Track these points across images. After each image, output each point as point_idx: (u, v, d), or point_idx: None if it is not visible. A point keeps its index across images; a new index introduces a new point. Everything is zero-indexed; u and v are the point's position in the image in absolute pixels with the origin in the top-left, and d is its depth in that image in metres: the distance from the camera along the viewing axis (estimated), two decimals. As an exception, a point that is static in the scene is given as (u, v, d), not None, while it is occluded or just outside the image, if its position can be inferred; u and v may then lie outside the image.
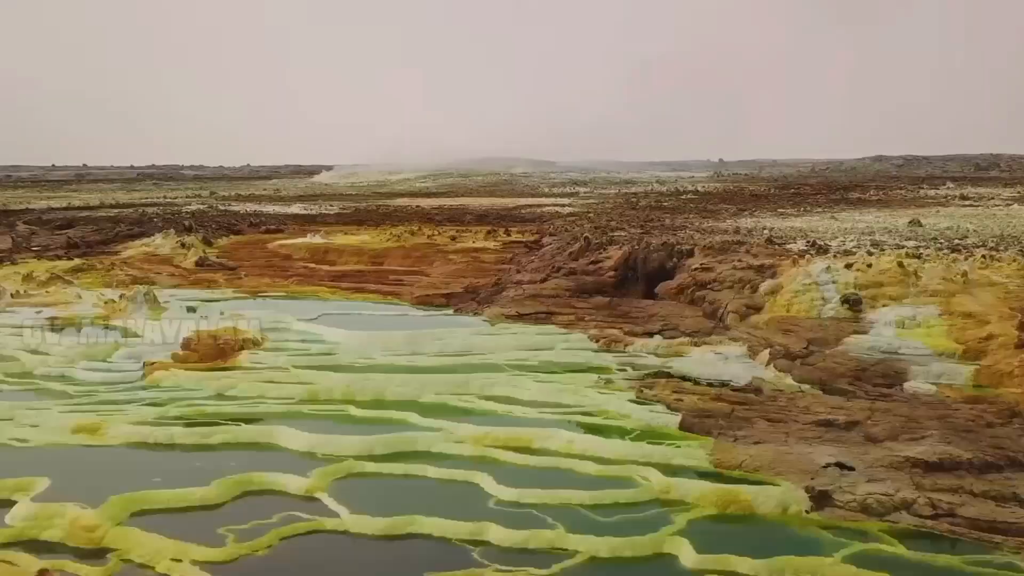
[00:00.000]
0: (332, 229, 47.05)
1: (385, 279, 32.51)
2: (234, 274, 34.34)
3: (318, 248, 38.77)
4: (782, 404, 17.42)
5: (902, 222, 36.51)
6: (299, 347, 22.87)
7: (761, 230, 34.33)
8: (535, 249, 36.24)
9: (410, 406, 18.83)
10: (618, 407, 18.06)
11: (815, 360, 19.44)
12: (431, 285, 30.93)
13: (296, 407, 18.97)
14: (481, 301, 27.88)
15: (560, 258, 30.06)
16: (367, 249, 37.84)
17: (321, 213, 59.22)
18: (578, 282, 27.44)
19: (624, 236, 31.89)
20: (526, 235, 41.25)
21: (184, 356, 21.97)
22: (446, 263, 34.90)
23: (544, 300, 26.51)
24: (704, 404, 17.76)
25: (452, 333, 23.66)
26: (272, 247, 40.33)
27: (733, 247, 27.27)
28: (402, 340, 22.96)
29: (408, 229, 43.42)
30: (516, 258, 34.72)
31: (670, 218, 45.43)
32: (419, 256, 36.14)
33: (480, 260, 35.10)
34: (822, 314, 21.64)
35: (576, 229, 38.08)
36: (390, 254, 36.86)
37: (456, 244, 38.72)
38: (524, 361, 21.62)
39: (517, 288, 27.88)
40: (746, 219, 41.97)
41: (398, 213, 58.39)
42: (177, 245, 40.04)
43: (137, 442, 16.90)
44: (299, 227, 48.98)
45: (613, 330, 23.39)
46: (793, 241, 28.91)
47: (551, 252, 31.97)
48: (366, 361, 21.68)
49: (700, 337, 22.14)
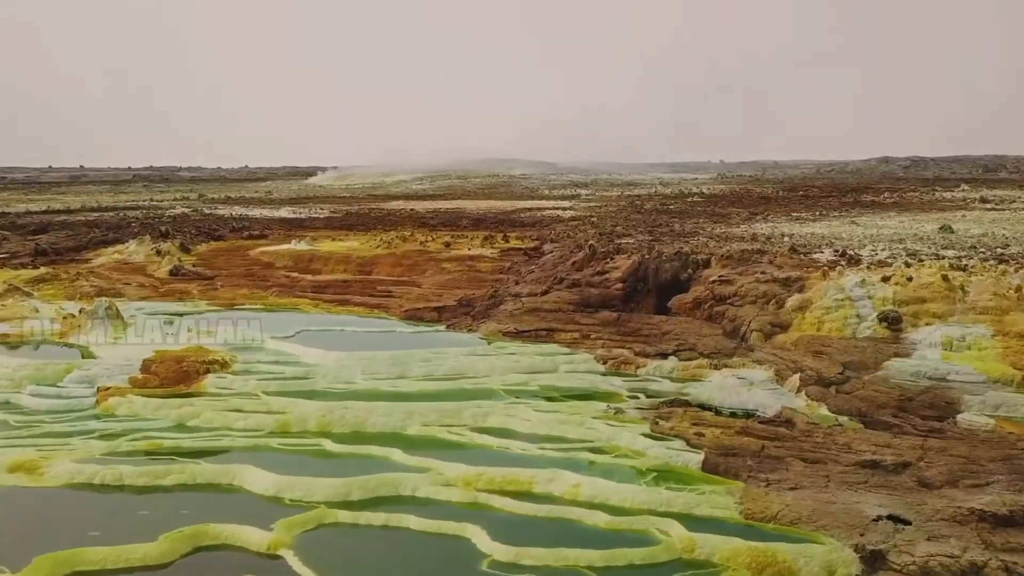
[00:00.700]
0: (320, 234, 45.27)
1: (372, 290, 30.67)
2: (210, 284, 32.51)
3: (302, 256, 36.93)
4: (819, 440, 15.58)
5: (930, 228, 34.70)
6: (271, 370, 21.05)
7: (780, 237, 32.50)
8: (535, 257, 34.38)
9: (393, 440, 17.09)
10: (630, 442, 16.26)
11: (852, 387, 17.60)
12: (422, 297, 29.08)
13: (264, 440, 17.22)
14: (476, 316, 26.04)
15: (562, 268, 28.19)
16: (355, 257, 35.99)
17: (310, 217, 57.46)
18: (582, 295, 25.57)
19: (632, 244, 30.05)
20: (525, 241, 39.40)
21: (143, 380, 20.15)
22: (439, 272, 33.06)
23: (545, 315, 24.66)
24: (729, 439, 15.94)
25: (443, 353, 21.82)
26: (254, 254, 38.50)
27: (754, 257, 25.44)
28: (386, 361, 21.14)
29: (400, 234, 41.62)
30: (514, 267, 32.86)
31: (679, 223, 43.62)
32: (410, 264, 34.28)
33: (476, 269, 33.26)
34: (857, 333, 19.81)
35: (579, 235, 36.26)
36: (379, 262, 35.01)
37: (450, 251, 36.89)
38: (523, 386, 19.82)
39: (515, 301, 26.03)
40: (760, 224, 40.15)
41: (391, 217, 56.65)
42: (152, 252, 38.23)
43: (80, 483, 15.20)
44: (285, 232, 47.20)
45: (622, 350, 21.57)
46: (819, 250, 27.08)
47: (552, 261, 30.11)
48: (345, 386, 19.87)
49: (720, 359, 20.30)
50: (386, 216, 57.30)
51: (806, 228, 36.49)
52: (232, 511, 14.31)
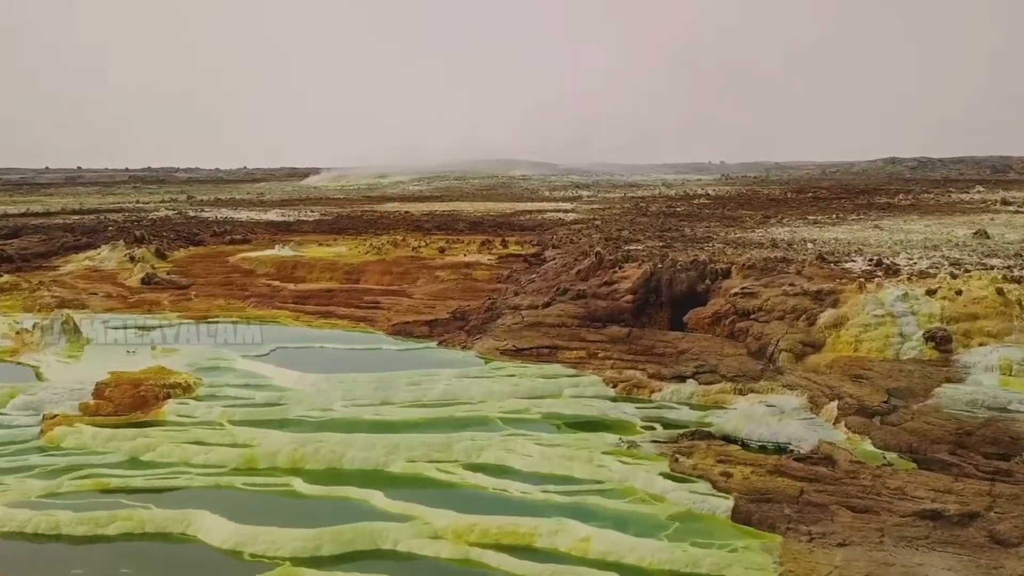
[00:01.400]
0: (307, 239, 43.42)
1: (359, 301, 28.80)
2: (183, 294, 30.64)
3: (285, 262, 35.05)
4: (867, 483, 13.69)
5: (963, 233, 32.83)
6: (240, 394, 19.21)
7: (802, 243, 30.62)
8: (536, 265, 32.48)
9: (374, 479, 15.24)
10: (647, 483, 14.41)
11: (900, 418, 15.71)
12: (412, 309, 27.19)
13: (227, 478, 15.38)
14: (471, 331, 24.14)
15: (566, 277, 26.28)
16: (341, 263, 34.10)
17: (299, 220, 55.59)
18: (589, 308, 23.65)
19: (641, 250, 28.16)
20: (525, 247, 37.52)
21: (95, 407, 18.29)
22: (432, 281, 31.17)
23: (547, 331, 22.75)
24: (761, 480, 14.07)
25: (433, 376, 19.97)
26: (234, 261, 36.62)
27: (779, 266, 23.54)
28: (369, 385, 19.29)
29: (391, 239, 39.74)
30: (513, 276, 30.94)
31: (689, 227, 41.74)
32: (401, 272, 32.38)
33: (471, 277, 31.36)
34: (901, 354, 17.93)
35: (583, 240, 34.36)
36: (368, 269, 33.11)
37: (444, 258, 34.99)
38: (523, 414, 17.99)
39: (514, 315, 24.12)
40: (777, 228, 38.29)
41: (384, 220, 54.79)
42: (125, 259, 36.36)
43: (10, 531, 13.43)
44: (270, 236, 45.38)
45: (634, 372, 19.70)
46: (850, 258, 25.17)
47: (555, 270, 28.20)
48: (322, 414, 18.01)
49: (745, 382, 18.44)
50: (379, 219, 55.45)
51: (827, 233, 34.64)
52: (182, 569, 12.50)
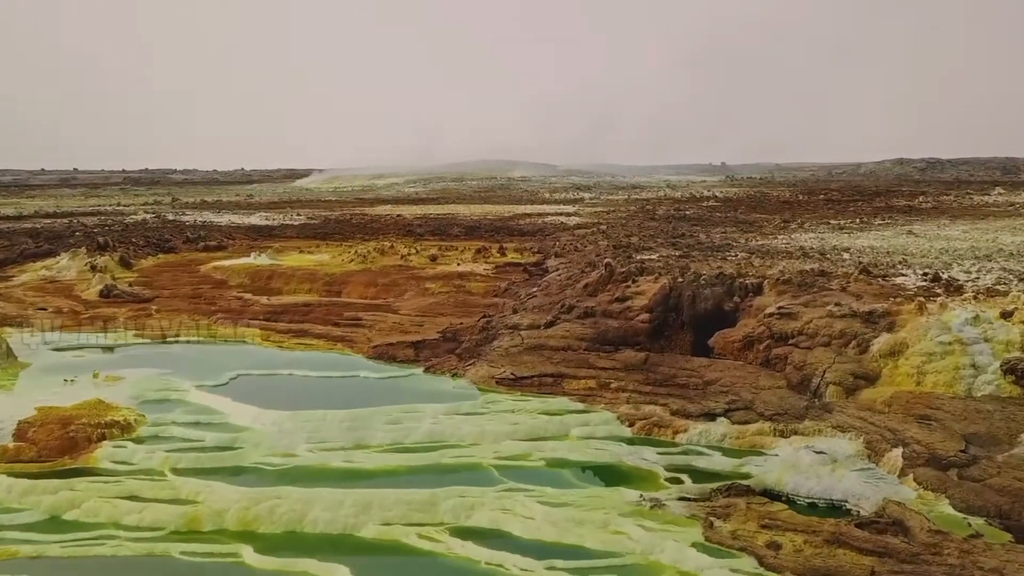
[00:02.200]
0: (289, 244, 40.82)
1: (338, 317, 26.18)
2: (144, 309, 28.00)
3: (260, 272, 32.40)
4: (953, 561, 11.11)
5: (1009, 239, 30.21)
6: (188, 435, 16.61)
7: (834, 251, 28.01)
8: (537, 276, 29.81)
9: (341, 546, 12.81)
10: (677, 557, 11.90)
11: (983, 472, 13.10)
12: (397, 327, 24.55)
13: (162, 545, 12.95)
14: (463, 354, 21.51)
15: (572, 292, 23.60)
16: (322, 274, 31.46)
17: (283, 224, 52.98)
18: (598, 328, 21.02)
19: (656, 261, 25.51)
20: (525, 255, 34.87)
21: (14, 451, 15.72)
22: (421, 294, 28.53)
23: (551, 355, 20.13)
24: (818, 555, 11.53)
25: (417, 412, 17.34)
26: (205, 270, 33.98)
27: (818, 281, 20.90)
28: (341, 424, 16.69)
29: (379, 245, 37.09)
30: (512, 288, 28.24)
31: (704, 232, 39.16)
32: (387, 284, 29.73)
33: (465, 290, 28.70)
34: (974, 390, 15.34)
35: (589, 248, 31.74)
36: (350, 281, 30.46)
37: (436, 267, 32.34)
38: (523, 460, 15.46)
39: (513, 335, 21.48)
40: (801, 234, 35.71)
41: (374, 224, 52.19)
42: (86, 268, 33.71)
43: None
44: (249, 242, 42.77)
45: (654, 407, 17.09)
46: (898, 271, 22.46)
47: (559, 283, 25.51)
48: (283, 460, 15.43)
49: (787, 422, 15.83)
50: (368, 223, 52.84)
51: (859, 240, 32.04)
52: None
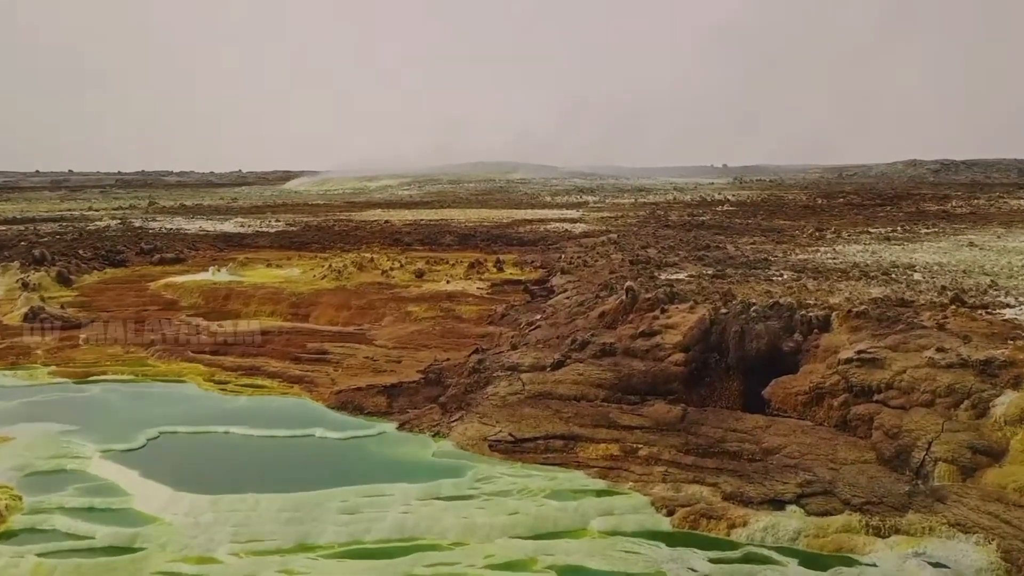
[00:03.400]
0: (258, 256, 36.50)
1: (300, 348, 21.85)
2: (71, 337, 23.67)
3: (216, 291, 28.05)
4: None
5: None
6: (76, 528, 12.31)
7: (895, 268, 23.69)
8: (540, 297, 25.41)
9: None
10: None
11: None
12: (369, 364, 20.22)
13: None
14: (448, 404, 17.16)
15: (585, 322, 19.25)
16: (288, 293, 27.12)
17: (258, 231, 48.60)
18: (620, 372, 16.72)
19: (686, 282, 21.17)
20: (526, 270, 30.48)
21: None
22: (402, 318, 24.20)
23: (560, 407, 15.80)
24: None
25: (382, 496, 13.00)
26: (155, 288, 29.65)
27: (903, 313, 16.55)
28: (280, 515, 12.34)
29: (358, 258, 32.77)
30: (510, 313, 23.77)
31: (729, 241, 34.90)
32: (363, 306, 25.39)
33: (454, 314, 24.33)
34: None
35: (601, 263, 27.41)
36: (320, 302, 26.14)
37: (422, 285, 27.97)
38: (525, 570, 11.07)
39: (511, 379, 17.16)
40: (844, 245, 31.42)
41: (358, 231, 47.85)
42: (16, 285, 29.37)
43: None
44: (214, 253, 38.47)
45: (699, 488, 12.78)
46: (994, 297, 18.13)
47: (568, 309, 21.11)
48: (197, 570, 11.07)
49: (884, 514, 11.49)
50: (351, 231, 48.49)
51: (916, 254, 27.76)
52: None
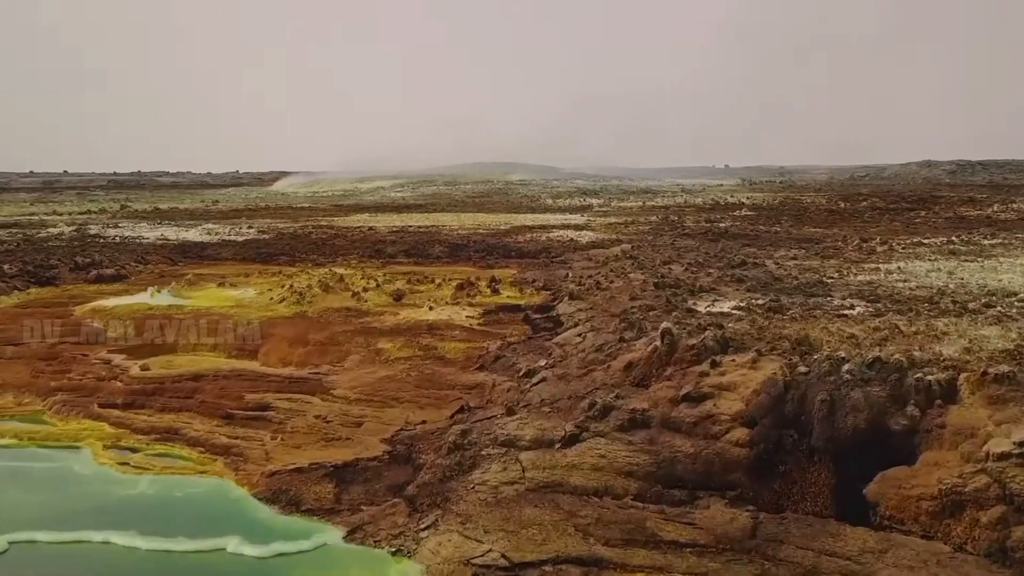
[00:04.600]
0: (213, 272, 31.97)
1: (237, 401, 17.28)
2: (-50, 383, 19.15)
3: (152, 318, 23.45)
4: None
5: None
6: None
7: (991, 295, 19.16)
8: (544, 330, 20.75)
9: None
10: None
11: None
12: (320, 429, 15.65)
13: None
14: (419, 497, 12.54)
15: (605, 375, 14.69)
16: (235, 321, 22.52)
17: (224, 240, 43.99)
18: (658, 453, 12.18)
19: (734, 316, 16.67)
20: (526, 292, 25.80)
21: None
22: (370, 359, 19.58)
23: (576, 508, 11.25)
24: None
25: None
26: (81, 313, 25.04)
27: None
28: None
29: (327, 276, 28.23)
30: (506, 355, 19.01)
31: (764, 254, 30.44)
32: (323, 341, 20.80)
33: (436, 354, 19.66)
34: None
35: (618, 285, 22.87)
36: (273, 334, 21.57)
37: (399, 311, 23.33)
38: None
39: (507, 461, 12.59)
40: (906, 262, 26.92)
41: (337, 240, 43.26)
42: (-87, 309, 24.82)
43: None
44: (166, 267, 34.00)
45: None
46: None
47: (582, 354, 16.44)
48: None
49: None
50: (330, 239, 43.90)
51: (1003, 274, 23.23)
52: None
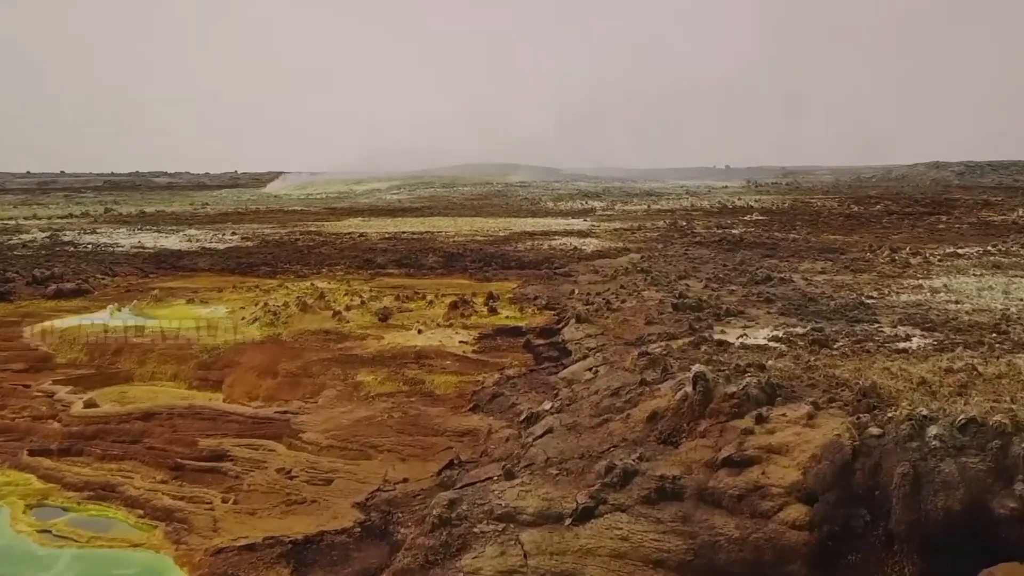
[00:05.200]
0: (186, 285, 29.64)
1: (189, 448, 14.87)
2: None
3: (108, 342, 21.01)
4: None
5: None
6: None
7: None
8: (548, 360, 18.46)
9: None
10: None
11: None
12: (280, 488, 13.24)
13: None
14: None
15: (623, 426, 12.27)
16: (200, 347, 20.18)
17: (204, 248, 41.68)
18: (694, 536, 9.76)
19: (772, 351, 14.34)
20: (527, 311, 23.41)
21: None
22: (347, 394, 17.20)
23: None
24: None
25: None
26: (30, 335, 22.54)
27: None
28: None
29: (310, 289, 25.88)
30: (504, 393, 16.58)
31: (788, 266, 28.13)
32: (296, 371, 18.43)
33: (424, 389, 17.23)
34: None
35: (630, 304, 20.52)
36: (241, 361, 19.19)
37: (385, 334, 20.93)
38: None
39: (504, 541, 10.21)
40: (949, 276, 24.55)
41: (325, 247, 40.94)
42: None
43: None
44: (136, 279, 31.64)
45: None
46: None
47: (595, 398, 13.98)
48: None
49: None
50: (317, 247, 41.57)
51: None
52: None
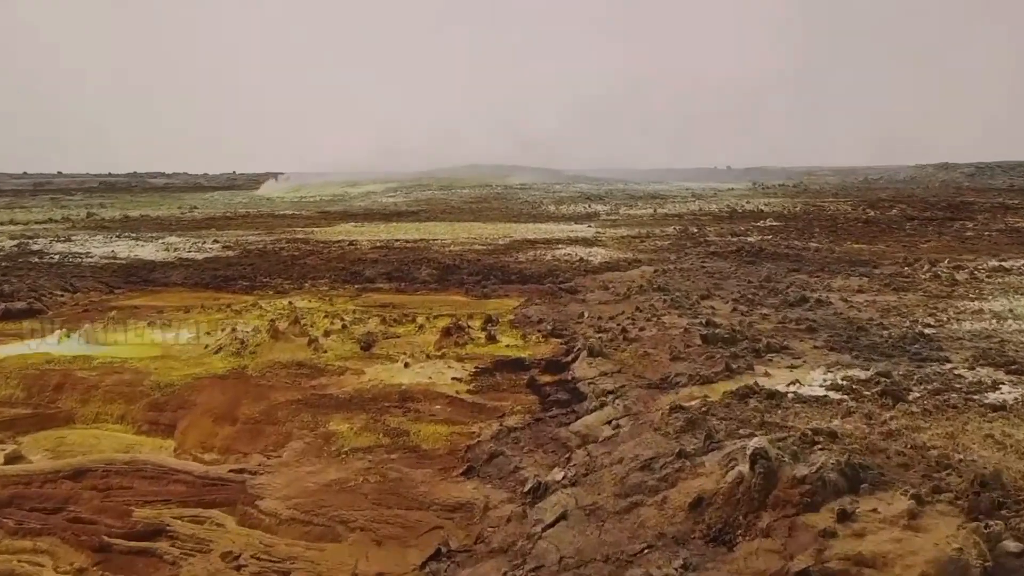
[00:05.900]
0: (153, 303, 27.12)
1: (120, 521, 12.05)
2: None
3: (48, 376, 18.33)
4: None
5: None
6: None
7: None
8: (556, 406, 15.81)
9: None
10: None
11: None
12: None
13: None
14: None
15: (659, 517, 9.62)
16: (152, 383, 17.60)
17: (181, 258, 39.13)
18: None
19: (831, 405, 11.77)
20: (531, 338, 20.79)
21: None
22: (316, 448, 14.53)
23: None
24: None
25: None
26: (-37, 364, 20.10)
27: None
28: None
29: (286, 310, 23.31)
30: (503, 452, 13.73)
31: (819, 282, 25.58)
32: (257, 417, 15.80)
33: (408, 444, 14.56)
34: None
35: (650, 332, 17.91)
36: (197, 402, 16.61)
37: (366, 369, 18.27)
38: None
39: None
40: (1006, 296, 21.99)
41: (311, 258, 38.39)
42: None
43: None
44: (99, 295, 29.15)
45: None
46: None
47: (620, 470, 11.15)
48: None
49: None
50: (303, 257, 39.01)
51: None
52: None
